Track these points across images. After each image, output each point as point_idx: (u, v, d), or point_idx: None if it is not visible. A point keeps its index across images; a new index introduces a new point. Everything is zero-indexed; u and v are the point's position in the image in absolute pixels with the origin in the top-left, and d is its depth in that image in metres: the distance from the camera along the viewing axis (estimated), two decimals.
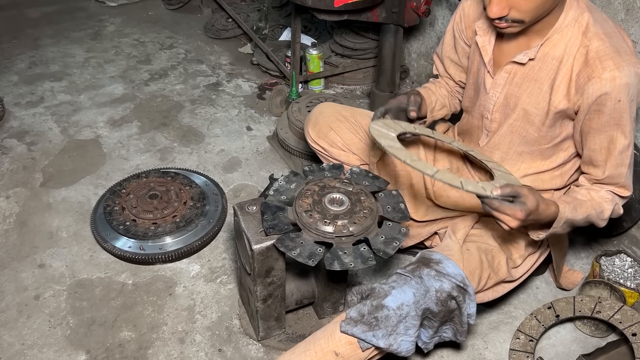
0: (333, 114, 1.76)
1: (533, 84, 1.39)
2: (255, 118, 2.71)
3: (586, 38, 1.29)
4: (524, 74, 1.40)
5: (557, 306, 1.67)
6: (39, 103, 2.76)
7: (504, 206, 1.24)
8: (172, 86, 2.94)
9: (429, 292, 1.29)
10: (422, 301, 1.28)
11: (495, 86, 1.46)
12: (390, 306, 1.27)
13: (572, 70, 1.31)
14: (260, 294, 1.50)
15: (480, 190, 1.23)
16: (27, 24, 3.51)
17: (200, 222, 2.02)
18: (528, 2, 1.22)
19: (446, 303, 1.31)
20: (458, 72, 1.70)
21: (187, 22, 3.63)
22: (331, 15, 2.32)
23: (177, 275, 1.89)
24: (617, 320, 1.58)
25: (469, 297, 1.34)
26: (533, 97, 1.40)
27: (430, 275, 1.31)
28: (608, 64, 1.24)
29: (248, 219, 1.43)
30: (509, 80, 1.43)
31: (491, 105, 1.49)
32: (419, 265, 1.35)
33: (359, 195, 1.45)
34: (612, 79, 1.24)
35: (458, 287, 1.32)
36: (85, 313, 1.76)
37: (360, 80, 2.98)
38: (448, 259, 1.35)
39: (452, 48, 1.65)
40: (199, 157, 2.44)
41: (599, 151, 1.35)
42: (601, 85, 1.25)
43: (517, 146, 1.51)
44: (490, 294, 1.50)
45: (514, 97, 1.44)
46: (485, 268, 1.42)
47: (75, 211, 2.13)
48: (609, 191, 1.41)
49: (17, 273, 1.88)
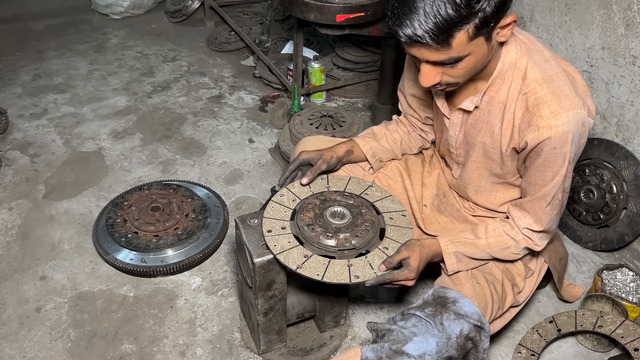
0: (315, 146, 1.67)
1: (485, 125, 1.39)
2: (257, 130, 2.72)
3: (524, 85, 1.28)
4: (476, 116, 1.40)
5: (559, 320, 1.67)
6: (42, 115, 2.77)
7: (395, 276, 1.33)
8: (175, 98, 2.96)
9: (451, 339, 1.27)
10: (444, 350, 1.26)
11: (453, 125, 1.47)
12: (412, 354, 1.24)
13: (515, 116, 1.31)
14: (261, 307, 1.49)
15: (365, 277, 1.30)
16: (32, 37, 3.55)
17: (202, 234, 2.02)
18: (456, 70, 1.21)
19: (464, 346, 1.30)
20: (422, 107, 1.61)
21: (190, 35, 3.66)
22: (333, 30, 2.34)
23: (178, 288, 1.89)
24: (619, 335, 1.58)
25: (484, 334, 1.34)
26: (487, 137, 1.40)
27: (450, 319, 1.29)
28: (545, 112, 1.23)
29: (249, 232, 1.44)
30: (464, 120, 1.43)
31: (454, 142, 1.50)
32: (437, 308, 1.32)
33: (360, 208, 1.45)
34: (549, 127, 1.23)
35: (475, 326, 1.31)
36: (87, 326, 1.75)
37: (361, 93, 2.99)
38: (464, 297, 1.35)
39: (414, 83, 1.56)
40: (201, 169, 2.45)
41: (532, 185, 1.36)
42: (539, 134, 1.24)
43: (487, 178, 1.50)
44: (498, 323, 1.50)
45: (471, 136, 1.44)
46: (495, 300, 1.41)
47: (77, 223, 2.14)
48: (524, 228, 1.40)
49: (19, 285, 1.88)
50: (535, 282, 1.57)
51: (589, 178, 1.96)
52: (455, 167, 1.58)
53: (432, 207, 1.65)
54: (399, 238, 1.40)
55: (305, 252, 1.34)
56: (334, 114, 2.45)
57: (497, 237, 1.41)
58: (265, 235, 1.38)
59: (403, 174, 1.68)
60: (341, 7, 2.22)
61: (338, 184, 1.56)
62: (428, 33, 1.09)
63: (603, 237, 1.98)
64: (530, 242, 1.41)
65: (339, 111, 2.48)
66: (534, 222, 1.39)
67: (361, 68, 2.96)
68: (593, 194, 1.96)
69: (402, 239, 1.40)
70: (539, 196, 1.34)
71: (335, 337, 1.71)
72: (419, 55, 1.18)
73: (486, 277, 1.43)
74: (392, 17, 1.13)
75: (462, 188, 1.58)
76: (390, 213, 1.48)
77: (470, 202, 1.60)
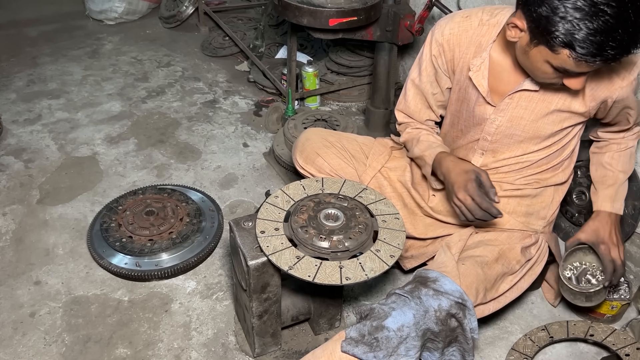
0: (319, 140, 1.77)
1: (541, 103, 1.46)
2: (251, 135, 2.73)
3: None
4: (530, 97, 1.46)
5: (551, 329, 1.70)
6: (37, 120, 2.77)
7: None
8: (169, 103, 2.96)
9: (428, 312, 1.29)
10: (422, 322, 1.29)
11: (497, 112, 1.51)
12: (391, 327, 1.27)
13: (585, 85, 1.38)
14: (256, 310, 1.50)
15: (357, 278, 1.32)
16: (26, 43, 3.55)
17: (197, 238, 2.02)
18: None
19: (446, 322, 1.31)
20: (440, 105, 1.70)
21: (185, 40, 3.67)
22: (326, 34, 2.36)
23: (173, 292, 1.89)
24: (610, 342, 1.63)
25: (468, 312, 1.35)
26: (542, 114, 1.47)
27: (428, 295, 1.31)
28: (622, 73, 1.38)
29: (244, 234, 1.44)
30: (513, 105, 1.49)
31: (493, 129, 1.55)
32: (416, 285, 1.35)
33: (354, 211, 1.46)
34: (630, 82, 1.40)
35: (457, 303, 1.32)
36: (81, 330, 1.75)
37: (355, 97, 3.01)
38: (444, 276, 1.36)
39: (432, 82, 1.64)
40: (196, 173, 2.45)
41: (624, 120, 1.54)
42: (623, 91, 1.41)
43: (517, 159, 1.58)
44: (492, 306, 1.51)
45: (519, 118, 1.50)
46: (481, 280, 1.43)
47: (71, 228, 2.14)
48: (632, 133, 1.61)
49: (13, 290, 1.88)
50: (537, 267, 1.61)
51: (581, 180, 1.98)
52: (478, 155, 1.63)
53: (441, 195, 1.69)
54: (391, 241, 1.41)
55: (298, 254, 1.35)
56: (328, 118, 2.47)
57: (619, 160, 1.60)
58: (258, 236, 1.39)
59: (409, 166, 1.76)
60: (334, 12, 2.24)
61: (333, 186, 1.57)
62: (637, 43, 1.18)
63: None
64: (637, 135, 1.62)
65: (333, 115, 2.50)
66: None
67: (355, 72, 2.97)
68: (585, 196, 1.97)
69: (395, 242, 1.41)
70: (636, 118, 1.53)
71: None
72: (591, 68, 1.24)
73: (476, 259, 1.46)
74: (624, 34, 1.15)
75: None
76: (383, 215, 1.49)
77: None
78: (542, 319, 1.82)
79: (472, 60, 1.50)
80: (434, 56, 1.58)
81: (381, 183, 1.75)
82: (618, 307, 1.75)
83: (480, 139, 1.58)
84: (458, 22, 1.52)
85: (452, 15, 1.55)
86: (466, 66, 1.52)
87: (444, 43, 1.54)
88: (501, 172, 1.62)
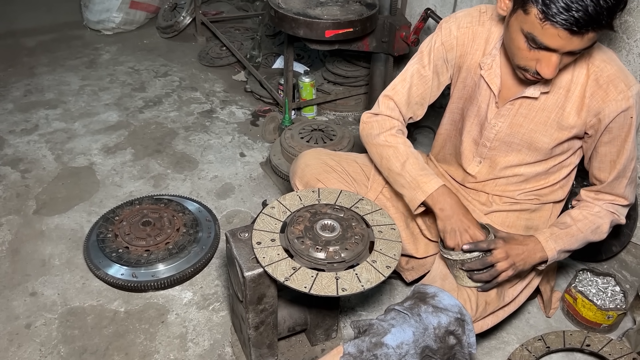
0: (319, 165, 1.71)
1: (541, 113, 1.45)
2: (248, 144, 2.74)
3: (592, 65, 1.37)
4: (530, 105, 1.45)
5: (547, 339, 1.70)
6: (34, 131, 2.78)
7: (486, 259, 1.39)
8: (167, 113, 2.97)
9: (428, 329, 1.29)
10: (421, 339, 1.28)
11: (498, 117, 1.50)
12: (390, 344, 1.26)
13: (585, 95, 1.38)
14: (252, 321, 1.50)
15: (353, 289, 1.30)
16: (23, 53, 3.56)
17: (193, 249, 2.02)
18: (567, 60, 1.28)
19: (444, 339, 1.31)
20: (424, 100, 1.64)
21: (182, 50, 3.68)
22: (322, 45, 2.37)
23: (169, 303, 1.89)
24: (607, 352, 1.64)
25: (467, 327, 1.35)
26: (540, 125, 1.46)
27: (427, 312, 1.31)
28: (621, 86, 1.34)
29: (240, 245, 1.44)
30: (514, 111, 1.48)
31: (492, 135, 1.53)
32: (415, 301, 1.34)
33: (350, 221, 1.46)
34: (627, 98, 1.34)
35: (456, 319, 1.32)
36: (77, 342, 1.74)
37: (352, 107, 3.02)
38: (442, 291, 1.36)
39: (436, 75, 1.59)
40: (192, 183, 2.46)
41: (607, 162, 1.45)
42: (617, 106, 1.34)
43: (514, 169, 1.57)
44: (490, 320, 1.51)
45: (518, 125, 1.49)
46: (479, 294, 1.43)
47: (68, 238, 2.13)
48: (606, 203, 1.50)
49: (9, 301, 1.87)
50: (535, 280, 1.61)
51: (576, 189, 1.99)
52: (475, 163, 1.62)
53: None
54: (387, 251, 1.42)
55: (294, 265, 1.35)
56: (324, 128, 2.48)
57: (584, 221, 1.49)
58: (254, 247, 1.39)
59: None
60: (330, 23, 2.25)
61: (329, 197, 1.58)
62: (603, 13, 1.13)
63: (591, 248, 1.99)
64: (616, 216, 1.51)
65: (330, 125, 2.51)
66: (618, 197, 1.50)
67: (351, 82, 2.99)
68: None
69: (391, 252, 1.41)
70: (617, 174, 1.44)
71: (327, 351, 1.71)
72: (561, 44, 1.20)
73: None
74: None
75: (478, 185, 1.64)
76: (379, 226, 1.49)
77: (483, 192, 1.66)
78: (539, 329, 1.82)
79: (481, 58, 1.49)
80: (446, 49, 1.53)
81: (384, 204, 1.71)
82: (614, 317, 1.75)
83: (480, 144, 1.58)
84: (476, 17, 1.49)
85: (470, 10, 1.53)
86: (474, 64, 1.51)
87: (460, 36, 1.51)
88: (500, 185, 1.61)
